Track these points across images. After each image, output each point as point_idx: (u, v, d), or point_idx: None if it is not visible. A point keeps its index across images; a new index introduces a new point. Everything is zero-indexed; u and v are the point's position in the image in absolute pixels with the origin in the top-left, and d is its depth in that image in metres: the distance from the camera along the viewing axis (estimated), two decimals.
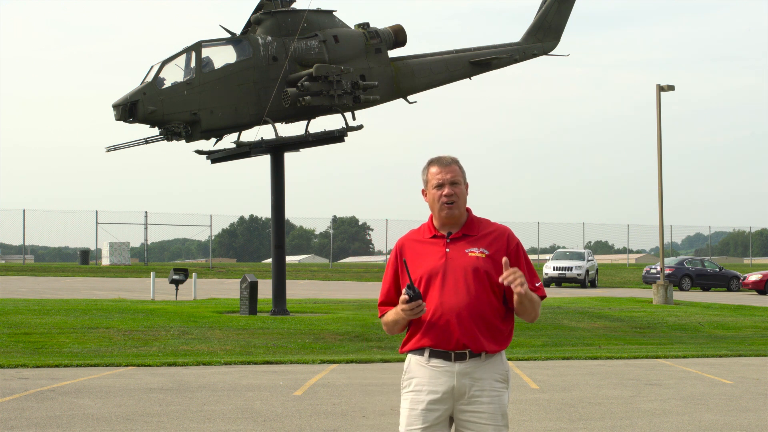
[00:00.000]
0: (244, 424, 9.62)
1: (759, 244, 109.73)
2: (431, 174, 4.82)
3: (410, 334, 4.78)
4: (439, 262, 4.72)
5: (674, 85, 32.79)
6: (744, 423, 10.16)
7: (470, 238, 4.78)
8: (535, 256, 69.44)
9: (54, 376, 12.96)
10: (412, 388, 4.76)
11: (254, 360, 15.40)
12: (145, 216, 57.49)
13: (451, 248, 4.75)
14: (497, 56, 26.53)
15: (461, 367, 4.69)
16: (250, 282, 23.03)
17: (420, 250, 4.79)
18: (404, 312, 4.61)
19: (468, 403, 4.69)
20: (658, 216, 33.46)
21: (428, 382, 4.71)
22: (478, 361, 4.70)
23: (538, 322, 22.78)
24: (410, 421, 4.73)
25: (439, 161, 4.84)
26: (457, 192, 4.77)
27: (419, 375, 4.74)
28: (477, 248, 4.73)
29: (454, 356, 4.68)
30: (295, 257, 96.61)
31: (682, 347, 18.96)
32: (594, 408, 10.95)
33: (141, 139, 22.94)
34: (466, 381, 4.69)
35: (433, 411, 4.70)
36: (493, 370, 4.74)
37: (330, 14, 24.00)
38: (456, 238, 4.78)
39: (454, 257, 4.72)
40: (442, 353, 4.69)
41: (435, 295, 4.67)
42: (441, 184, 4.78)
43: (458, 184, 4.79)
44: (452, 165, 4.82)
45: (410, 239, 4.87)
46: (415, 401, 4.73)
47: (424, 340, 4.71)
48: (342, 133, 23.70)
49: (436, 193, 4.79)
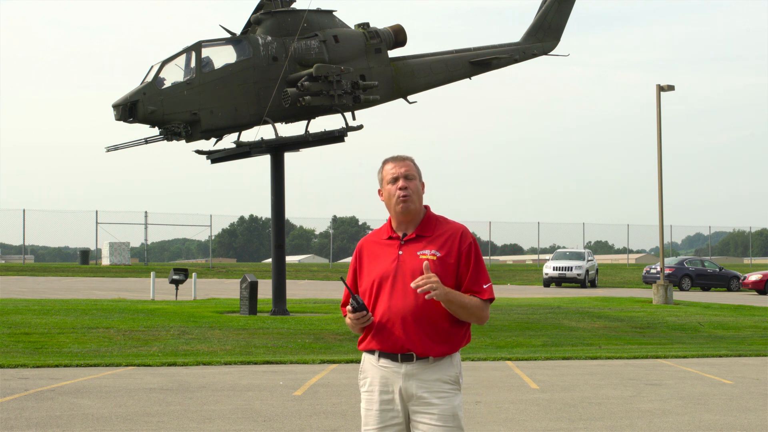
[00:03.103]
0: (244, 424, 9.62)
1: (759, 244, 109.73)
2: (386, 170, 4.83)
3: (365, 333, 4.83)
4: (391, 266, 4.74)
5: (674, 85, 32.79)
6: (744, 423, 10.15)
7: (424, 239, 4.77)
8: (535, 256, 69.49)
9: (54, 376, 12.96)
10: (366, 388, 4.81)
11: (254, 360, 15.40)
12: (145, 216, 57.52)
13: (404, 250, 4.76)
14: (497, 56, 26.54)
15: (408, 368, 4.70)
16: (250, 282, 23.02)
17: (376, 252, 4.83)
18: (351, 321, 4.72)
19: (418, 404, 4.70)
20: (658, 216, 33.47)
21: (379, 382, 4.75)
22: (425, 363, 4.70)
23: (538, 322, 22.77)
24: (367, 420, 4.79)
25: (394, 158, 4.86)
26: (412, 186, 4.76)
27: (371, 375, 4.79)
28: (429, 250, 4.72)
29: (401, 358, 4.71)
30: (295, 257, 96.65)
31: (682, 347, 18.95)
32: (594, 408, 10.95)
33: (141, 139, 22.95)
34: (412, 383, 4.70)
35: (387, 411, 4.73)
36: (441, 372, 4.71)
37: (330, 14, 24.01)
38: (410, 239, 4.78)
39: (406, 260, 4.73)
40: (390, 355, 4.72)
41: (384, 298, 4.71)
42: (396, 177, 4.78)
43: (413, 179, 4.78)
44: (406, 160, 4.84)
45: (369, 240, 4.91)
46: (370, 401, 4.78)
47: (373, 343, 4.75)
48: (342, 133, 23.70)
49: (391, 188, 4.79)
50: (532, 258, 70.71)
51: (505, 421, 10.04)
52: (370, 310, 4.75)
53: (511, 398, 11.51)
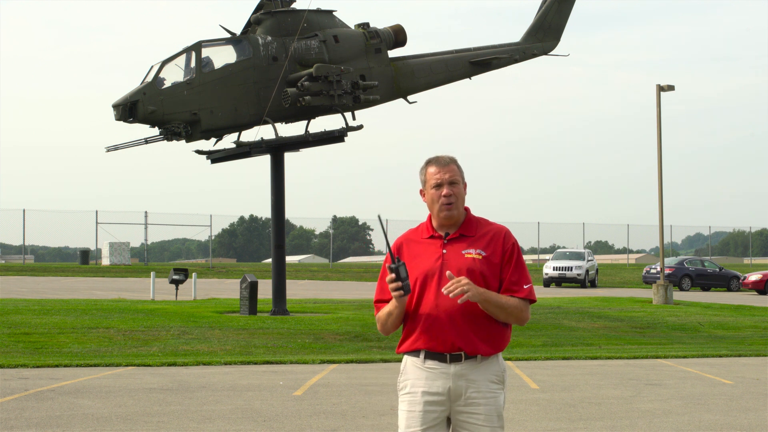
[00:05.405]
0: (244, 424, 9.62)
1: (759, 244, 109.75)
2: (429, 174, 4.78)
3: (406, 334, 4.76)
4: (436, 264, 4.68)
5: (674, 85, 32.80)
6: (744, 423, 10.15)
7: (468, 239, 4.74)
8: (535, 256, 69.47)
9: (54, 376, 12.96)
10: (408, 390, 4.75)
11: (254, 360, 15.40)
12: (145, 216, 57.51)
13: (448, 249, 4.72)
14: (497, 56, 26.54)
15: (457, 368, 4.67)
16: (250, 282, 23.03)
17: (417, 251, 4.75)
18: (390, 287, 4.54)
19: (464, 405, 4.68)
20: (658, 216, 33.47)
21: (424, 384, 4.69)
22: (473, 362, 4.68)
23: (538, 322, 22.77)
24: (409, 423, 4.72)
25: (437, 161, 4.79)
26: (456, 192, 4.73)
27: (415, 377, 4.73)
28: (474, 249, 4.69)
29: (450, 358, 4.66)
30: (295, 257, 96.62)
31: (682, 347, 18.95)
32: (594, 408, 10.95)
33: (141, 139, 22.95)
34: (461, 383, 4.67)
35: (430, 412, 4.69)
36: (489, 371, 4.71)
37: (330, 14, 24.01)
38: (453, 238, 4.74)
39: (451, 258, 4.68)
40: (438, 355, 4.67)
41: (431, 296, 4.64)
42: (439, 184, 4.74)
43: (457, 184, 4.75)
44: (450, 165, 4.78)
45: (408, 239, 4.83)
46: (413, 403, 4.72)
47: (419, 342, 4.69)
48: (342, 133, 23.70)
49: (434, 194, 4.74)
50: (532, 258, 70.69)
51: (505, 420, 10.03)
52: (414, 308, 4.68)
53: (511, 398, 11.50)
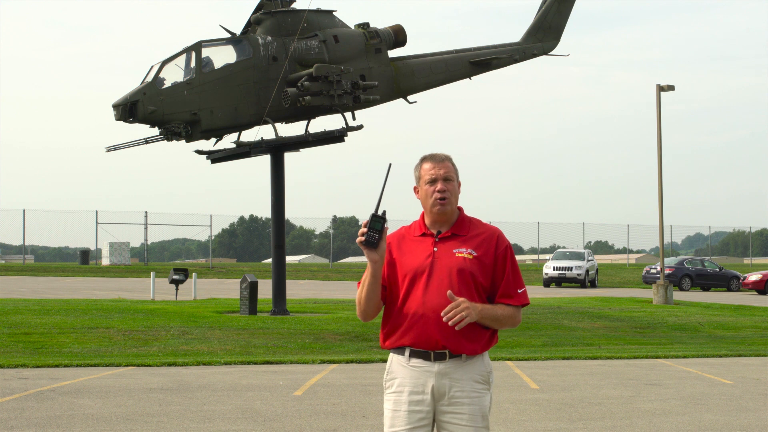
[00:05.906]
0: (244, 424, 9.62)
1: (759, 244, 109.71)
2: (424, 170, 4.79)
3: (392, 329, 4.74)
4: (426, 261, 4.68)
5: (674, 85, 32.81)
6: (744, 423, 10.16)
7: (460, 238, 4.73)
8: (535, 256, 69.48)
9: (54, 376, 12.96)
10: (394, 389, 4.75)
11: (254, 360, 15.40)
12: (145, 216, 57.52)
13: (439, 247, 4.71)
14: (497, 56, 26.54)
15: (440, 367, 4.65)
16: (250, 282, 23.03)
17: (408, 248, 4.75)
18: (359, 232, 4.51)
19: (448, 404, 4.67)
20: (658, 216, 33.47)
21: (409, 383, 4.69)
22: (458, 361, 4.66)
23: (538, 322, 22.78)
24: (393, 422, 4.73)
25: (433, 157, 4.81)
26: (450, 188, 4.73)
27: (401, 375, 4.73)
28: (465, 249, 4.69)
29: (434, 356, 4.65)
30: (295, 257, 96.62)
31: (682, 347, 18.96)
32: (594, 408, 10.95)
33: (141, 139, 22.95)
34: (445, 381, 4.65)
35: (415, 412, 4.68)
36: (474, 371, 4.70)
37: (330, 14, 24.01)
38: (445, 237, 4.74)
39: (441, 257, 4.68)
40: (422, 353, 4.66)
41: (418, 293, 4.64)
42: (434, 179, 4.74)
43: (451, 181, 4.75)
44: (445, 161, 4.79)
45: (400, 235, 4.84)
46: (398, 402, 4.72)
47: (405, 339, 4.69)
48: (342, 133, 23.71)
49: (428, 189, 4.74)
50: (532, 258, 70.73)
51: (505, 421, 10.04)
52: (400, 304, 4.67)
53: (511, 398, 11.51)
